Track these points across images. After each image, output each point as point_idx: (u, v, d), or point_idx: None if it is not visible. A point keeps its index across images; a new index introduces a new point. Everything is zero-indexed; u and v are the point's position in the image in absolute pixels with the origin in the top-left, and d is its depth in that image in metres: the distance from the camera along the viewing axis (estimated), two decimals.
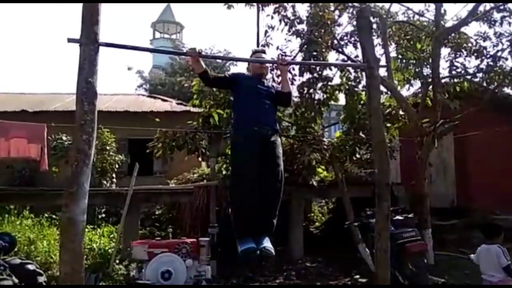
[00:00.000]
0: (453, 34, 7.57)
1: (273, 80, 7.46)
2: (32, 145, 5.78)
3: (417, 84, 8.68)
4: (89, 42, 2.82)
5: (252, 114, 3.34)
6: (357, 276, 6.27)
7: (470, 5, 7.04)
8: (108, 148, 8.70)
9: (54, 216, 8.13)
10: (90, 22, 2.84)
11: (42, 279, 4.40)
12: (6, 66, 59.68)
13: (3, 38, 64.29)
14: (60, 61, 63.94)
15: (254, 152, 3.22)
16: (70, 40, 2.88)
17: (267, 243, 3.16)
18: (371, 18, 4.53)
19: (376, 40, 7.33)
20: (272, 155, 3.30)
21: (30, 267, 4.39)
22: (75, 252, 2.64)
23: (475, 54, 7.74)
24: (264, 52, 3.87)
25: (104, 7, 2.97)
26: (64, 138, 8.14)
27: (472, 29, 18.14)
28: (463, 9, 7.21)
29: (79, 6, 2.86)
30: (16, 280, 3.92)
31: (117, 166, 9.00)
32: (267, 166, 3.26)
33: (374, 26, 7.03)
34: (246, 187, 3.20)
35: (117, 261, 6.24)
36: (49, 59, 63.28)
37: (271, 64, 3.80)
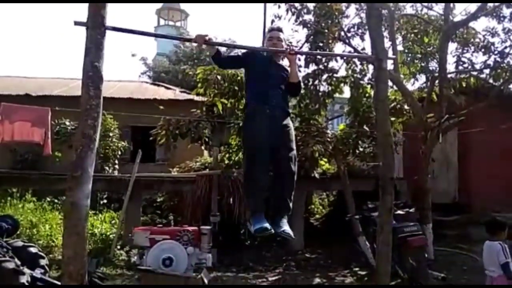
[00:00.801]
0: (461, 29, 7.49)
1: None
2: (35, 128, 5.77)
3: (422, 79, 8.64)
4: (95, 26, 2.79)
5: (264, 96, 3.31)
6: (357, 269, 6.30)
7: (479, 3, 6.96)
8: (111, 134, 8.70)
9: (56, 200, 8.18)
10: (97, 5, 2.82)
11: (44, 262, 4.43)
12: (10, 49, 59.56)
13: (7, 21, 64.03)
14: (65, 45, 63.76)
15: (266, 129, 3.20)
16: (76, 23, 2.85)
17: (285, 226, 3.13)
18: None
19: (383, 33, 7.26)
20: (285, 138, 3.26)
21: (33, 250, 4.41)
22: (78, 236, 2.65)
23: (483, 49, 7.67)
24: (280, 30, 3.68)
25: None
26: (67, 123, 8.14)
27: (481, 24, 17.99)
28: (472, 4, 7.11)
29: None
30: (19, 262, 3.94)
31: (119, 152, 9.01)
32: (281, 149, 3.22)
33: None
34: (259, 162, 3.18)
35: (118, 247, 6.28)
36: (54, 44, 63.09)
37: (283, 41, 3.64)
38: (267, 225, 3.06)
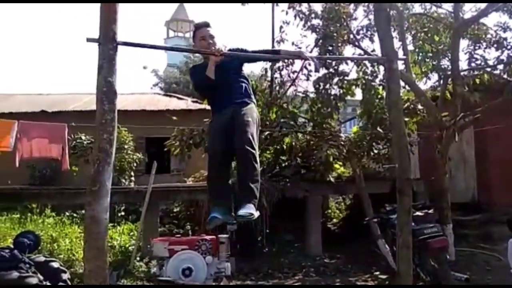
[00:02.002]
0: (471, 26, 7.40)
1: (289, 76, 7.43)
2: (53, 145, 5.87)
3: (434, 77, 8.55)
4: (107, 41, 2.83)
5: (221, 101, 3.26)
6: (377, 273, 6.22)
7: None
8: (126, 147, 8.80)
9: (75, 214, 8.28)
10: (108, 21, 2.86)
11: (66, 276, 4.47)
12: (25, 68, 60.88)
13: (22, 40, 65.57)
14: (78, 61, 64.95)
15: (221, 125, 3.17)
16: (89, 40, 2.90)
17: (242, 210, 2.90)
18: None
19: (393, 33, 7.23)
20: (239, 123, 3.13)
21: (54, 264, 4.46)
22: (99, 249, 2.68)
23: (495, 45, 7.57)
24: (208, 25, 3.40)
25: (119, 7, 2.98)
26: (83, 137, 8.26)
27: (492, 20, 17.73)
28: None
29: (97, 6, 2.89)
30: (41, 278, 3.99)
31: (135, 164, 9.10)
32: (236, 135, 3.10)
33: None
34: (213, 158, 3.18)
35: (138, 258, 6.31)
36: (67, 60, 64.35)
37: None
38: (215, 214, 2.98)
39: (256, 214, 2.94)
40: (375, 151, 7.25)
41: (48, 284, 3.96)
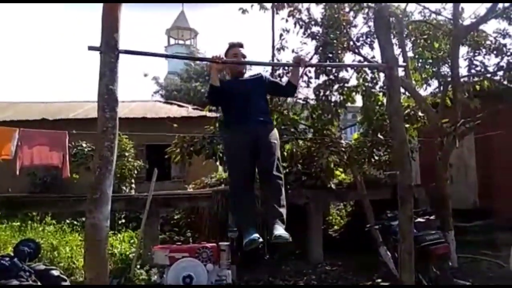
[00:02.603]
0: (471, 32, 7.44)
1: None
2: (54, 152, 5.87)
3: (434, 84, 8.58)
4: (109, 50, 2.85)
5: (240, 115, 3.26)
6: (379, 280, 6.18)
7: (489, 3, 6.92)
8: (126, 154, 8.81)
9: (75, 222, 8.26)
10: (110, 29, 2.88)
11: (66, 284, 4.46)
12: (26, 75, 61.10)
13: (23, 48, 65.88)
14: (79, 69, 65.19)
15: (244, 144, 3.15)
16: (90, 48, 2.92)
17: (276, 231, 2.95)
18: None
19: (393, 40, 7.25)
20: (266, 146, 3.18)
21: (55, 272, 4.45)
22: (99, 257, 2.68)
23: (495, 52, 7.60)
24: (242, 46, 3.53)
25: (121, 16, 3.00)
26: (84, 145, 8.27)
27: (491, 26, 17.80)
28: (481, 7, 7.10)
29: (98, 15, 2.91)
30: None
31: (135, 171, 9.10)
32: (262, 159, 3.15)
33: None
34: (239, 181, 3.17)
35: (138, 266, 6.28)
36: (68, 68, 64.57)
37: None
38: (255, 236, 2.98)
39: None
40: (376, 158, 7.24)
41: None
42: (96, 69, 2.84)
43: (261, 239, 2.99)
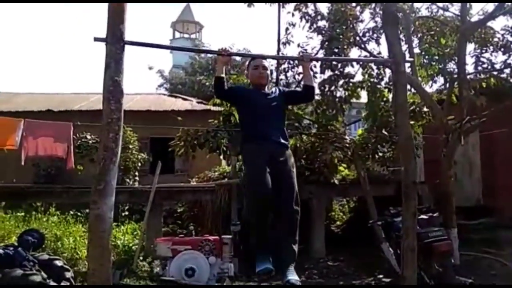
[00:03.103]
0: (478, 29, 7.37)
1: (294, 78, 7.43)
2: (58, 144, 5.90)
3: (440, 81, 8.51)
4: (115, 41, 2.84)
5: (259, 130, 3.25)
6: (381, 276, 6.19)
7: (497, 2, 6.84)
8: (130, 146, 8.83)
9: (79, 213, 8.30)
10: (116, 20, 2.87)
11: (69, 274, 4.49)
12: (32, 66, 61.27)
13: (29, 38, 65.99)
14: (84, 61, 65.29)
15: (264, 166, 3.13)
16: (96, 39, 2.91)
17: (290, 275, 3.02)
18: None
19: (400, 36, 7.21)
20: (285, 176, 3.19)
21: (58, 263, 4.48)
22: (103, 248, 2.68)
23: (502, 49, 7.52)
24: (264, 58, 3.60)
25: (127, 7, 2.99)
26: (88, 137, 8.30)
27: (499, 23, 17.65)
28: (490, 4, 7.02)
29: (104, 6, 2.90)
30: (45, 276, 4.01)
31: (139, 164, 9.12)
32: (282, 189, 3.15)
33: None
34: (259, 202, 3.12)
35: (141, 258, 6.32)
36: (74, 59, 64.67)
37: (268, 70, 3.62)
38: (269, 266, 3.07)
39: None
40: (380, 154, 7.22)
41: (52, 282, 3.96)
42: (102, 60, 2.85)
43: (274, 272, 3.08)
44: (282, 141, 3.31)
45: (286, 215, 3.16)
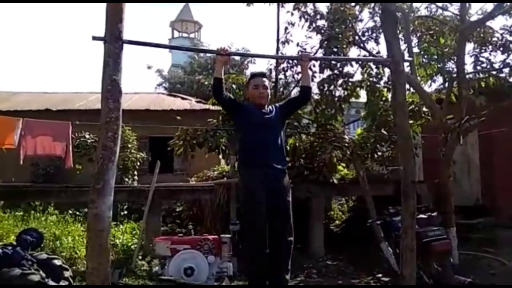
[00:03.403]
0: (477, 28, 7.37)
1: (293, 77, 7.43)
2: (57, 143, 5.89)
3: (439, 80, 8.52)
4: (113, 40, 2.83)
5: (257, 156, 3.27)
6: (380, 275, 6.19)
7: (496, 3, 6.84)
8: (129, 146, 8.83)
9: (78, 213, 8.29)
10: (114, 19, 2.86)
11: (68, 274, 4.48)
12: (30, 65, 61.15)
13: (27, 38, 65.86)
14: (83, 60, 65.22)
15: (263, 200, 3.20)
16: (94, 38, 2.91)
17: None
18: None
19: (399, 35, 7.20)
20: (282, 207, 3.25)
21: (57, 262, 4.47)
22: (101, 247, 2.68)
23: (501, 48, 7.52)
24: (264, 75, 3.60)
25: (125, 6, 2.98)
26: (87, 136, 8.29)
27: (498, 23, 17.66)
28: (489, 3, 7.03)
29: (103, 5, 2.89)
30: (44, 275, 4.00)
31: (138, 163, 9.11)
32: (278, 220, 3.23)
33: None
34: (257, 236, 3.23)
35: (140, 257, 6.31)
36: (72, 58, 64.58)
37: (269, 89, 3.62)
38: None
39: None
40: (379, 153, 7.22)
41: (51, 281, 3.95)
42: (100, 60, 2.84)
43: None
44: (280, 167, 3.32)
45: (279, 245, 3.23)
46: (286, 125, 3.73)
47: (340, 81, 7.16)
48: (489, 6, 7.07)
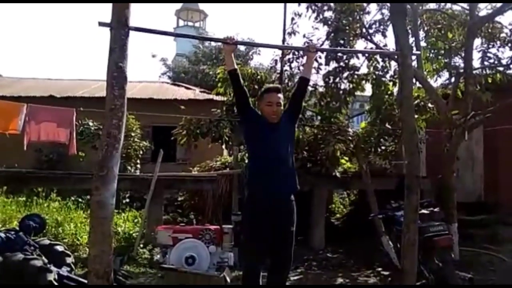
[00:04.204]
0: (486, 24, 7.28)
1: (298, 69, 7.38)
2: (61, 129, 5.89)
3: (445, 75, 8.45)
4: (119, 26, 2.81)
5: (265, 180, 3.22)
6: (380, 269, 6.20)
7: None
8: (133, 134, 8.83)
9: (80, 200, 8.33)
10: (121, 6, 2.84)
11: (70, 260, 4.50)
12: (34, 51, 61.10)
13: (32, 24, 65.73)
14: (87, 47, 65.08)
15: (266, 226, 3.20)
16: (101, 24, 2.88)
17: None
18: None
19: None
20: (285, 234, 3.26)
21: (59, 248, 4.49)
22: (104, 234, 2.69)
23: (509, 44, 7.45)
24: (279, 91, 3.46)
25: None
26: (90, 123, 8.29)
27: (507, 19, 17.48)
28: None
29: None
30: (46, 260, 4.02)
31: (141, 152, 9.12)
32: (281, 248, 3.27)
33: None
34: (257, 253, 3.29)
35: (141, 245, 6.34)
36: (77, 45, 64.48)
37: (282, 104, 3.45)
38: None
39: None
40: (383, 148, 7.19)
41: (53, 267, 3.97)
42: (105, 48, 2.81)
43: None
44: (289, 191, 3.30)
45: (284, 256, 3.31)
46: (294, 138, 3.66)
47: (345, 74, 7.11)
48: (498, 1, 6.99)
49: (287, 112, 3.44)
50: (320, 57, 6.94)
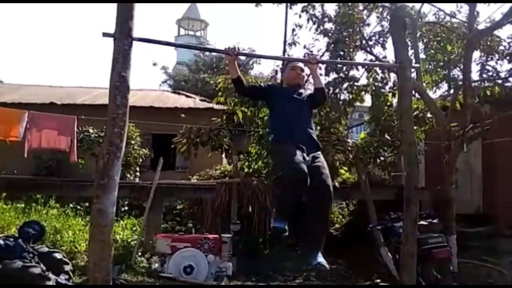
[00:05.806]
0: (485, 37, 7.36)
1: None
2: (62, 136, 5.90)
3: (444, 87, 8.50)
4: (123, 37, 2.84)
5: (289, 128, 3.28)
6: (378, 280, 6.19)
7: (505, 7, 6.82)
8: (132, 142, 8.84)
9: (79, 207, 8.31)
10: (124, 16, 2.87)
11: (68, 267, 4.49)
12: (35, 58, 61.31)
13: (35, 31, 66.05)
14: (89, 55, 65.34)
15: (300, 158, 3.14)
16: (105, 35, 2.92)
17: (320, 258, 3.28)
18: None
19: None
20: (323, 178, 3.28)
21: (57, 255, 4.48)
22: (104, 242, 2.69)
23: (508, 57, 7.52)
24: (302, 70, 3.67)
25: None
26: (91, 131, 8.30)
27: (505, 32, 17.63)
28: (497, 11, 7.04)
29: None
30: (44, 268, 4.01)
31: (140, 160, 9.12)
32: (318, 179, 3.24)
33: None
34: (296, 180, 3.14)
35: (140, 254, 6.32)
36: (79, 53, 64.74)
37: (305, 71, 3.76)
38: (286, 227, 3.23)
39: None
40: (382, 158, 7.22)
41: (51, 275, 3.97)
42: (106, 56, 2.85)
43: (287, 233, 3.25)
44: (316, 146, 3.38)
45: (320, 207, 3.33)
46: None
47: (345, 85, 7.16)
48: (498, 15, 7.07)
49: (309, 96, 3.60)
50: (320, 68, 6.98)
